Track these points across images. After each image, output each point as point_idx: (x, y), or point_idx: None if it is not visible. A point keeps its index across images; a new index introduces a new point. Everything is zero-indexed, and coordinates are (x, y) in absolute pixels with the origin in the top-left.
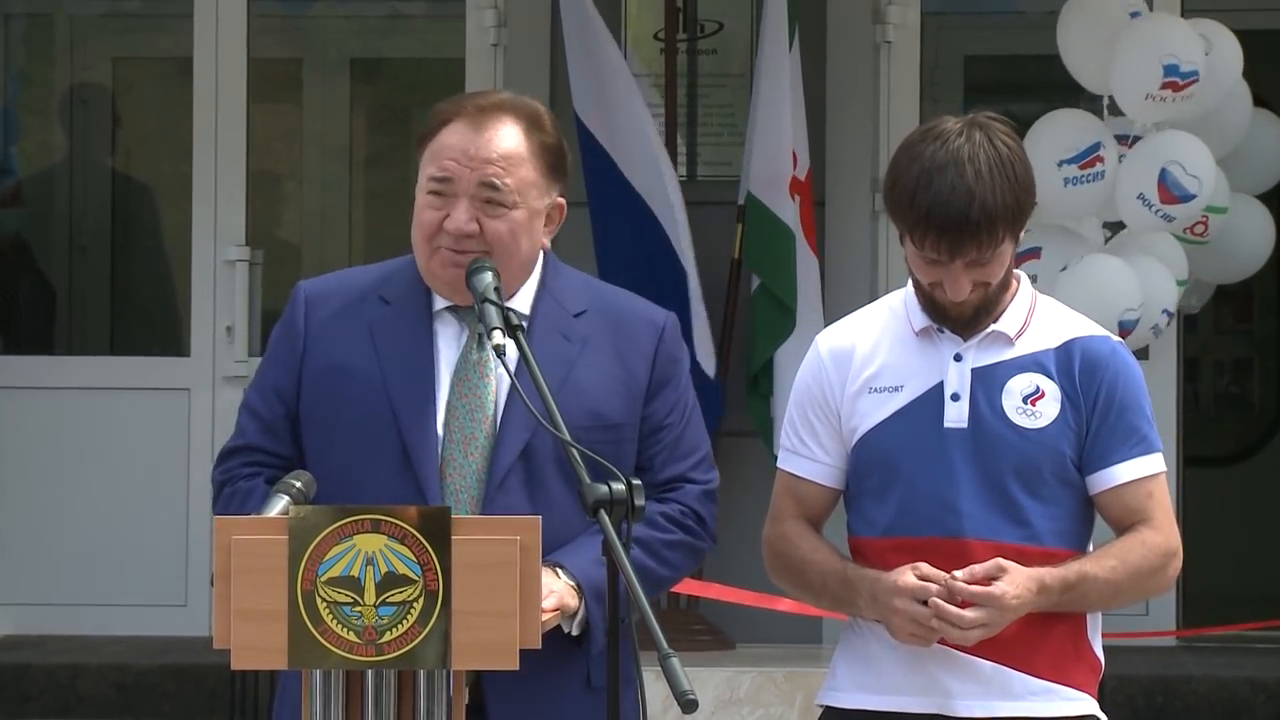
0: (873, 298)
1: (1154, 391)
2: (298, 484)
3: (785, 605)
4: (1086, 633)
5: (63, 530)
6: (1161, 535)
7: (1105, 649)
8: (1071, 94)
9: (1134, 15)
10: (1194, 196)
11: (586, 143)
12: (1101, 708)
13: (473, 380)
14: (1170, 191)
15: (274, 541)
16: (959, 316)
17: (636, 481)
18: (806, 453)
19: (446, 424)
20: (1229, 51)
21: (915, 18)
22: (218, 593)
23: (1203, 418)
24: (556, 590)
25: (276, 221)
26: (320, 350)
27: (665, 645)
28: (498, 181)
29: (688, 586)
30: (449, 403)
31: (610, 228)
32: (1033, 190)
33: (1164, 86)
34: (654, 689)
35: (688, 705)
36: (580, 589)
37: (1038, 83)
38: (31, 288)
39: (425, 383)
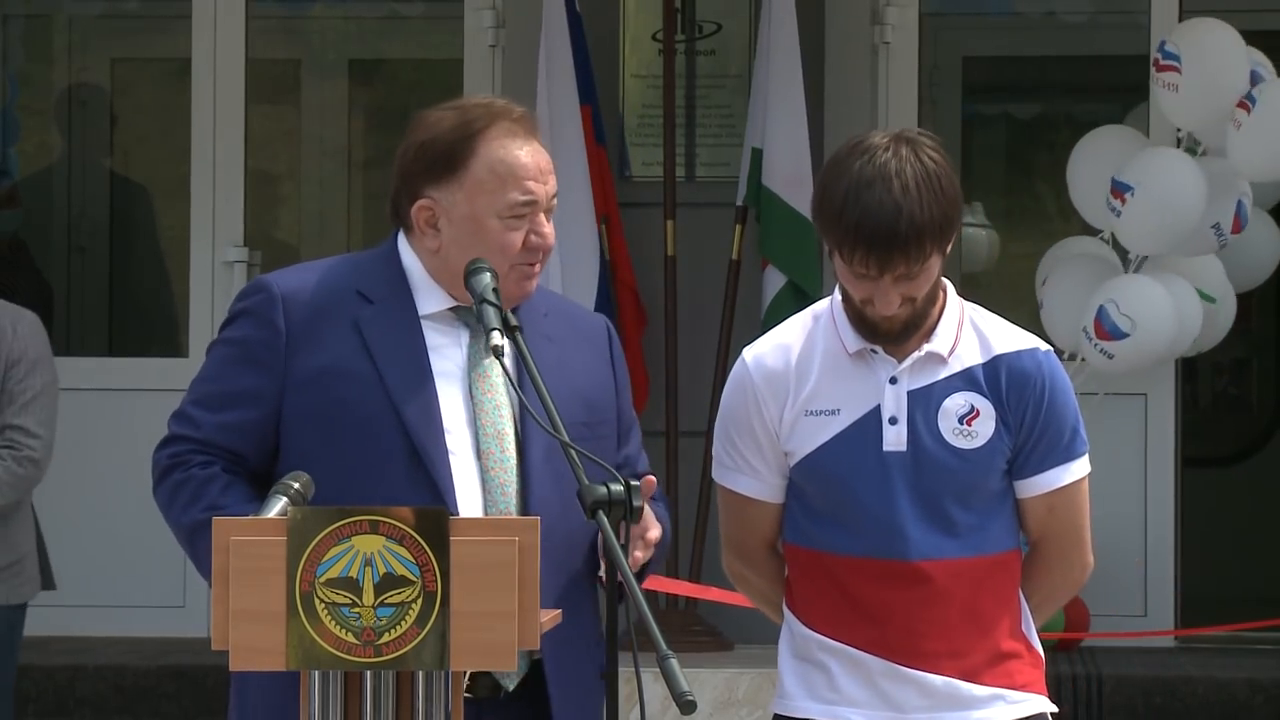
0: None
1: (1153, 392)
2: (296, 485)
3: None
4: (1022, 629)
5: (61, 530)
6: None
7: (1104, 650)
8: (1070, 95)
9: None
10: None
11: None
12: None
13: (492, 377)
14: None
15: (272, 543)
16: (889, 332)
17: (635, 483)
18: (749, 470)
19: (476, 420)
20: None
21: (914, 18)
22: (216, 594)
23: (1201, 418)
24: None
25: (275, 222)
26: (308, 351)
27: (664, 646)
28: (555, 188)
29: (686, 589)
30: (474, 399)
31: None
32: (959, 205)
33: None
34: (653, 690)
35: (686, 706)
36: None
37: (1036, 83)
38: (29, 288)
39: (426, 383)
